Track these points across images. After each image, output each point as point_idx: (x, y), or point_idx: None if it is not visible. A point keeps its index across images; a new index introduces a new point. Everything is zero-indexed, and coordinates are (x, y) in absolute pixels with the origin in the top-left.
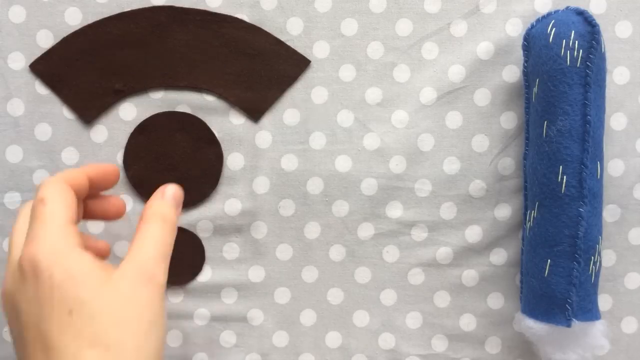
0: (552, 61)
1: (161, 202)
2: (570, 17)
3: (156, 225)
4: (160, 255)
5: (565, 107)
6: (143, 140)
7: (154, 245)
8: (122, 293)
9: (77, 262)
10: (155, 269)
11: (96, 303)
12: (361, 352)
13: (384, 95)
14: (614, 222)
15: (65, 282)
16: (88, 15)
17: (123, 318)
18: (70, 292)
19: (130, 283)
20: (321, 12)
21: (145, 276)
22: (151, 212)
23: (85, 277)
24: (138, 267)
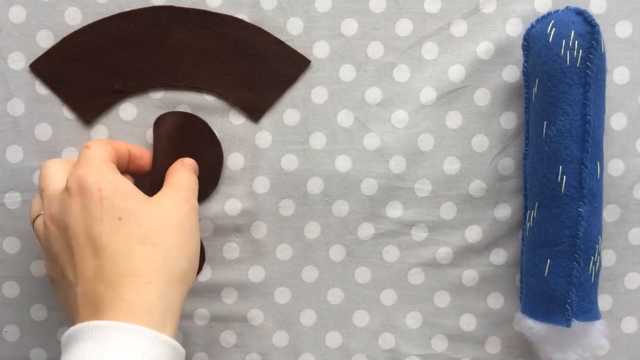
0: (552, 61)
1: (185, 162)
2: (570, 17)
3: (186, 171)
4: (192, 189)
5: (565, 107)
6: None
7: (187, 181)
8: (164, 206)
9: (122, 181)
10: (190, 196)
11: (142, 212)
12: (361, 352)
13: (384, 95)
14: (614, 222)
15: (114, 195)
16: (88, 15)
17: (167, 225)
18: (119, 202)
19: (171, 200)
20: (321, 12)
21: (183, 197)
22: (180, 164)
23: (131, 192)
24: (176, 191)
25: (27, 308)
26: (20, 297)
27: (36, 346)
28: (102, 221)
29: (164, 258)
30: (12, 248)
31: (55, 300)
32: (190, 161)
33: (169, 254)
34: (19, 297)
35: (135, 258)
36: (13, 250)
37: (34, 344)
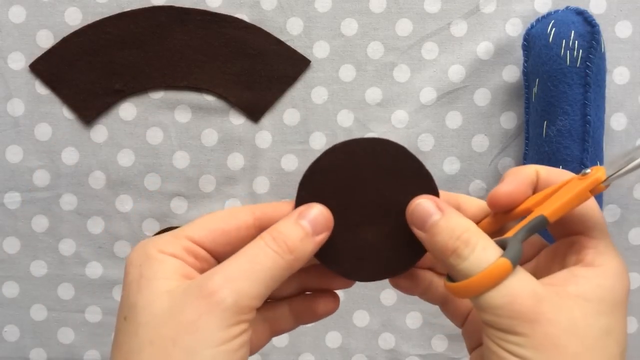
0: (552, 61)
1: (281, 223)
2: (570, 17)
3: (253, 244)
4: (238, 271)
5: (565, 107)
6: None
7: (235, 259)
8: (173, 305)
9: (152, 265)
10: (221, 286)
11: (147, 312)
12: (361, 352)
13: (384, 95)
14: (614, 222)
15: (132, 284)
16: (88, 15)
17: (159, 339)
18: (131, 297)
19: (184, 295)
20: (321, 12)
21: (202, 290)
22: (264, 232)
23: (150, 280)
24: (202, 279)
25: (27, 308)
26: (20, 297)
27: (36, 346)
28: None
29: None
30: (12, 248)
31: (55, 300)
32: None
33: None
34: (19, 297)
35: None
36: (13, 250)
37: (34, 344)
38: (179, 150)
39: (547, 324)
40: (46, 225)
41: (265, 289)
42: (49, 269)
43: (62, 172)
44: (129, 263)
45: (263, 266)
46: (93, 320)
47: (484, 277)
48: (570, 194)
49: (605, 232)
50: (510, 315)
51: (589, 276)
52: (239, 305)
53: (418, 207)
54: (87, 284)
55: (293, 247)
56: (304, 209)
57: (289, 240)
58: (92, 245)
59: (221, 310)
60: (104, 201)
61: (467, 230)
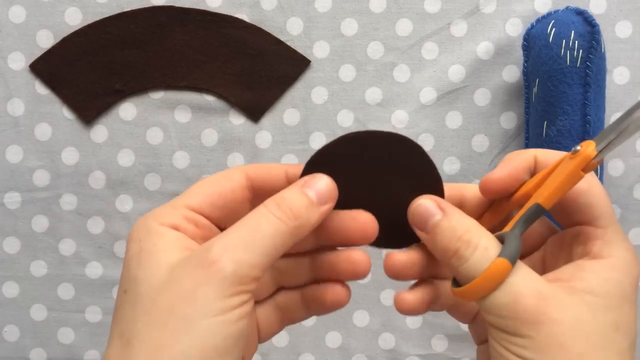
0: (552, 61)
1: (291, 189)
2: (570, 17)
3: (256, 210)
4: (239, 239)
5: (565, 107)
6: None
7: (236, 228)
8: (172, 275)
9: (152, 238)
10: (220, 255)
11: (146, 283)
12: (361, 352)
13: (384, 95)
14: None
15: (132, 259)
16: (88, 15)
17: (156, 308)
18: (131, 270)
19: (182, 266)
20: (321, 12)
21: (201, 260)
22: (268, 199)
23: (151, 254)
24: (201, 249)
25: (27, 308)
26: (20, 297)
27: (36, 346)
28: (118, 292)
29: None
30: (12, 248)
31: (55, 300)
32: (318, 184)
33: (139, 352)
34: (19, 297)
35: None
36: (13, 250)
37: (34, 344)
38: (179, 150)
39: (552, 324)
40: (46, 225)
41: (267, 258)
42: (49, 269)
43: (62, 172)
44: (129, 239)
45: (264, 234)
46: (93, 320)
47: (484, 278)
48: (562, 176)
49: (612, 219)
50: (514, 316)
51: (596, 269)
52: (239, 274)
53: (419, 208)
54: (87, 284)
55: (298, 214)
56: (309, 178)
57: (293, 207)
58: (92, 245)
59: (220, 280)
60: (104, 201)
61: (468, 230)
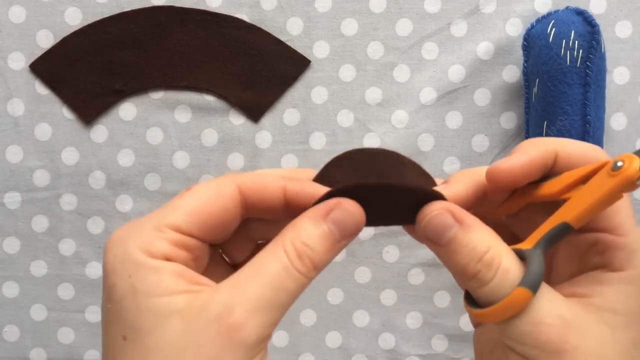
0: (552, 61)
1: (306, 229)
2: (570, 17)
3: (280, 260)
4: (263, 300)
5: (565, 107)
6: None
7: (260, 285)
8: (190, 337)
9: (147, 276)
10: (245, 321)
11: (155, 336)
12: (361, 352)
13: (384, 95)
14: None
15: (126, 301)
16: (88, 15)
17: None
18: (129, 317)
19: (201, 325)
20: (321, 12)
21: (224, 324)
22: (282, 235)
23: (150, 298)
24: (221, 308)
25: (27, 308)
26: (20, 297)
27: (36, 346)
28: (107, 335)
29: None
30: (12, 248)
31: (55, 300)
32: (340, 211)
33: None
34: (19, 297)
35: None
36: (13, 250)
37: (34, 344)
38: (179, 150)
39: (575, 352)
40: (46, 225)
41: (284, 313)
42: (49, 269)
43: (62, 172)
44: (111, 270)
45: (288, 292)
46: (93, 320)
47: (505, 306)
48: (598, 194)
49: (633, 228)
50: (536, 345)
51: (616, 284)
52: (262, 337)
53: (434, 220)
54: (87, 284)
55: (318, 264)
56: (333, 206)
57: (315, 256)
58: (92, 245)
59: (246, 347)
60: (104, 201)
61: (489, 248)
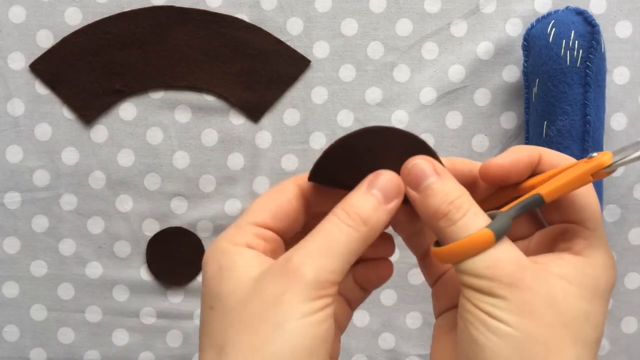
0: (552, 61)
1: (352, 195)
2: (570, 17)
3: (327, 220)
4: (316, 248)
5: (565, 107)
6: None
7: (311, 237)
8: (257, 286)
9: (230, 257)
10: (302, 263)
11: (232, 297)
12: (361, 352)
13: (384, 95)
14: (614, 222)
15: (214, 278)
16: (88, 15)
17: (245, 316)
18: (214, 288)
19: (266, 277)
20: (321, 12)
21: (283, 269)
22: (336, 207)
23: (232, 271)
24: (282, 259)
25: (27, 308)
26: (20, 297)
27: (36, 346)
28: (202, 309)
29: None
30: (12, 248)
31: (55, 300)
32: (380, 180)
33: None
34: (19, 297)
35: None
36: (13, 250)
37: (34, 344)
38: (179, 150)
39: (527, 290)
40: (46, 225)
41: (344, 263)
42: (49, 269)
43: (62, 172)
44: (205, 262)
45: (339, 242)
46: (93, 320)
47: (466, 243)
48: (570, 176)
49: (599, 225)
50: (491, 277)
51: (574, 263)
52: (320, 280)
53: (415, 167)
54: (87, 284)
55: (366, 219)
56: (373, 177)
57: (361, 212)
58: (92, 245)
59: (304, 285)
60: (104, 201)
61: (460, 196)
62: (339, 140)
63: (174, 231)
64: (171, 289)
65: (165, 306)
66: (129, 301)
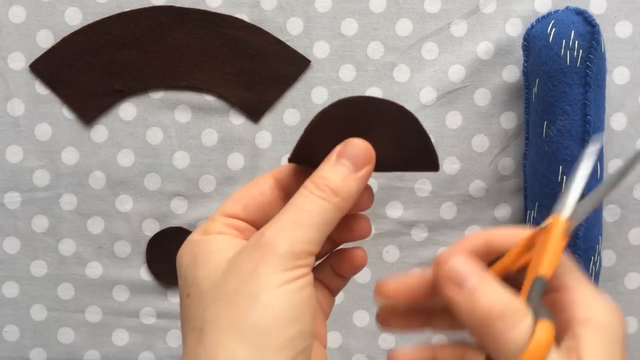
0: (552, 61)
1: (321, 168)
2: (570, 17)
3: (298, 194)
4: (288, 221)
5: (565, 107)
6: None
7: (284, 212)
8: (231, 264)
9: (203, 245)
10: (274, 236)
11: (208, 280)
12: (361, 352)
13: (384, 95)
14: (614, 222)
15: (189, 266)
16: (88, 15)
17: (221, 294)
18: (189, 276)
19: (241, 255)
20: (321, 12)
21: (257, 245)
22: (307, 181)
23: (206, 256)
24: (256, 236)
25: (27, 308)
26: (20, 297)
27: (36, 346)
28: (181, 296)
29: None
30: (12, 248)
31: (55, 300)
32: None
33: (215, 333)
34: (19, 297)
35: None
36: (13, 250)
37: (34, 344)
38: (179, 150)
39: None
40: (46, 225)
41: (318, 233)
42: (49, 269)
43: (62, 172)
44: (179, 255)
45: (311, 213)
46: (93, 320)
47: (540, 347)
48: (551, 245)
49: (579, 281)
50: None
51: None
52: (294, 250)
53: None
54: (87, 284)
55: (337, 189)
56: (341, 147)
57: (331, 183)
58: (92, 245)
59: (277, 257)
60: (104, 201)
61: (512, 298)
62: (319, 114)
63: (174, 231)
64: (171, 289)
65: (165, 306)
66: (129, 301)
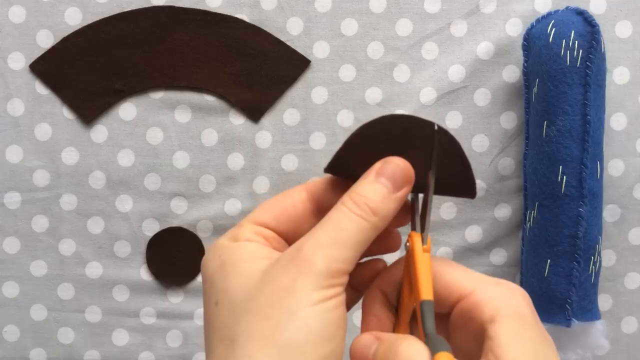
0: (552, 61)
1: (360, 185)
2: (570, 17)
3: (336, 210)
4: (326, 238)
5: (565, 107)
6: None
7: (321, 228)
8: (267, 276)
9: (232, 251)
10: (312, 253)
11: (241, 290)
12: None
13: (384, 95)
14: (614, 222)
15: (217, 273)
16: (88, 15)
17: (255, 307)
18: (218, 283)
19: (277, 268)
20: (321, 12)
21: (294, 260)
22: (344, 196)
23: (236, 265)
24: (292, 249)
25: (27, 308)
26: (20, 297)
27: (36, 346)
28: (206, 306)
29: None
30: (12, 248)
31: (55, 300)
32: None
33: (247, 349)
34: (19, 297)
35: None
36: (13, 250)
37: (34, 344)
38: (179, 150)
39: None
40: (46, 225)
41: (354, 252)
42: (49, 269)
43: (62, 172)
44: (205, 260)
45: (349, 231)
46: (93, 320)
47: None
48: (421, 263)
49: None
50: None
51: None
52: (331, 269)
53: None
54: (87, 284)
55: (375, 209)
56: (381, 165)
57: (370, 202)
58: (92, 245)
59: (315, 274)
60: (104, 201)
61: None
62: (359, 128)
63: (174, 231)
64: (171, 289)
65: (165, 306)
66: (129, 301)
